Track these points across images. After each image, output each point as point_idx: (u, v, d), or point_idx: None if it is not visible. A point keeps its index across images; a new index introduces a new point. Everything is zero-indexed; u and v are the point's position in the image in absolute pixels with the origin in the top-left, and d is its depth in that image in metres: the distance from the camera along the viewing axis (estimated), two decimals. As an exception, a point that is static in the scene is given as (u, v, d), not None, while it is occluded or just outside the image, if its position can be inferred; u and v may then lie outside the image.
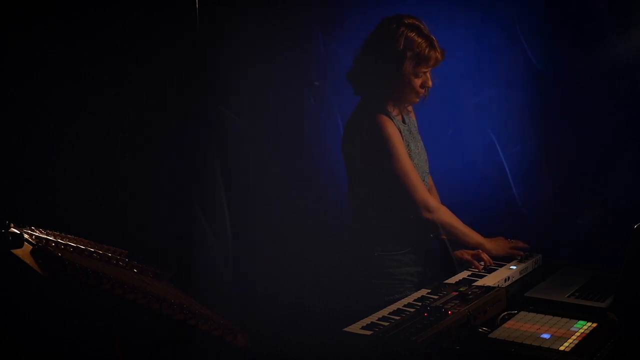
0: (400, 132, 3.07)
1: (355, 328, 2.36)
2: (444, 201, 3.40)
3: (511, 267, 3.07)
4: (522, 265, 3.10)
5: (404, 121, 3.18)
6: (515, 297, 2.75)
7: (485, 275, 2.96)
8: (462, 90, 4.20)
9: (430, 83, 3.07)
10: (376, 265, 3.04)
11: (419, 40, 2.99)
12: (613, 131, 3.89)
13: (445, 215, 3.09)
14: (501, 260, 3.17)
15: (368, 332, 2.33)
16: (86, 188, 3.09)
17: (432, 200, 3.08)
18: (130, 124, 3.23)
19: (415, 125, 3.27)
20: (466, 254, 3.14)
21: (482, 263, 3.09)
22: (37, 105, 2.99)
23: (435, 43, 3.03)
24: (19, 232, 2.08)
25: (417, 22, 3.03)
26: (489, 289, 2.70)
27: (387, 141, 3.00)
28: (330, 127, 3.89)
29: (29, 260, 2.06)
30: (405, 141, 3.08)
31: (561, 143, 4.04)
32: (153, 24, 3.22)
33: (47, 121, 3.00)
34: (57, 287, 2.09)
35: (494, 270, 3.04)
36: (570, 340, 2.26)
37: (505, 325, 2.40)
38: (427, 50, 2.99)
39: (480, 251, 3.13)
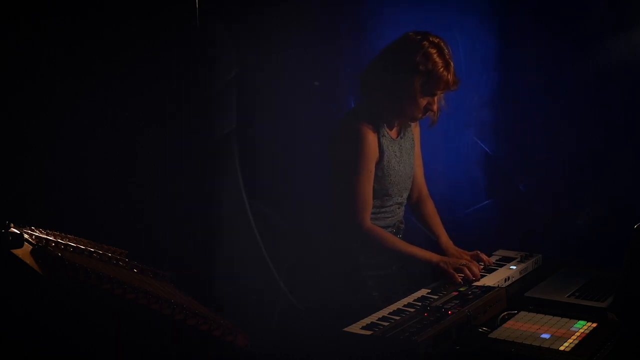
0: (380, 145, 3.03)
1: (355, 328, 2.37)
2: (442, 202, 3.41)
3: (511, 267, 3.07)
4: (522, 265, 3.10)
5: (400, 136, 3.14)
6: (515, 297, 2.76)
7: (485, 275, 2.96)
8: (459, 88, 4.21)
9: (435, 107, 2.99)
10: (338, 266, 3.06)
11: (437, 59, 2.92)
12: (613, 131, 3.89)
13: (378, 235, 3.02)
14: (501, 260, 3.17)
15: (368, 332, 2.33)
16: (86, 188, 3.09)
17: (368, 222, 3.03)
18: (131, 123, 3.23)
19: (413, 140, 3.22)
20: (465, 255, 3.13)
21: (482, 263, 3.08)
22: (37, 105, 2.99)
23: (452, 68, 2.95)
24: (19, 232, 2.08)
25: (441, 43, 2.96)
26: (489, 289, 2.70)
27: (356, 151, 2.98)
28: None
29: (29, 260, 2.06)
30: (385, 157, 3.04)
31: (561, 142, 4.05)
32: (156, 21, 3.22)
33: (48, 121, 3.00)
34: (57, 287, 2.09)
35: (494, 270, 3.04)
36: (570, 340, 2.26)
37: (505, 325, 2.40)
38: (441, 70, 2.91)
39: (479, 252, 3.13)
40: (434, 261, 2.95)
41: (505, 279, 2.94)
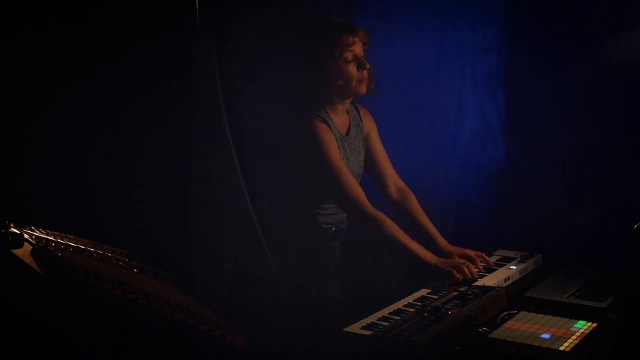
0: (334, 134, 3.09)
1: (355, 328, 2.37)
2: (441, 202, 3.40)
3: (511, 267, 3.08)
4: (522, 265, 3.10)
5: (349, 134, 3.18)
6: (515, 297, 2.76)
7: (485, 275, 2.96)
8: (460, 89, 4.21)
9: (367, 65, 3.05)
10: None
11: (330, 29, 3.04)
12: (613, 131, 3.89)
13: (380, 220, 3.02)
14: (501, 260, 3.17)
15: (368, 332, 2.33)
16: (86, 188, 3.09)
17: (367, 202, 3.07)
18: (131, 123, 3.23)
19: (363, 140, 3.26)
20: (468, 252, 3.11)
21: (485, 264, 3.08)
22: (37, 105, 2.99)
23: (348, 26, 3.05)
24: (19, 232, 2.08)
25: (329, 18, 3.13)
26: (489, 289, 2.70)
27: (320, 144, 3.02)
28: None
29: (29, 260, 2.06)
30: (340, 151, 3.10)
31: (561, 142, 4.05)
32: (156, 21, 3.22)
33: (48, 121, 3.00)
34: (57, 287, 2.09)
35: (494, 270, 3.04)
36: (570, 340, 2.26)
37: (505, 325, 2.40)
38: (338, 34, 3.01)
39: (484, 254, 3.12)
40: (433, 263, 2.95)
41: (505, 279, 2.94)
